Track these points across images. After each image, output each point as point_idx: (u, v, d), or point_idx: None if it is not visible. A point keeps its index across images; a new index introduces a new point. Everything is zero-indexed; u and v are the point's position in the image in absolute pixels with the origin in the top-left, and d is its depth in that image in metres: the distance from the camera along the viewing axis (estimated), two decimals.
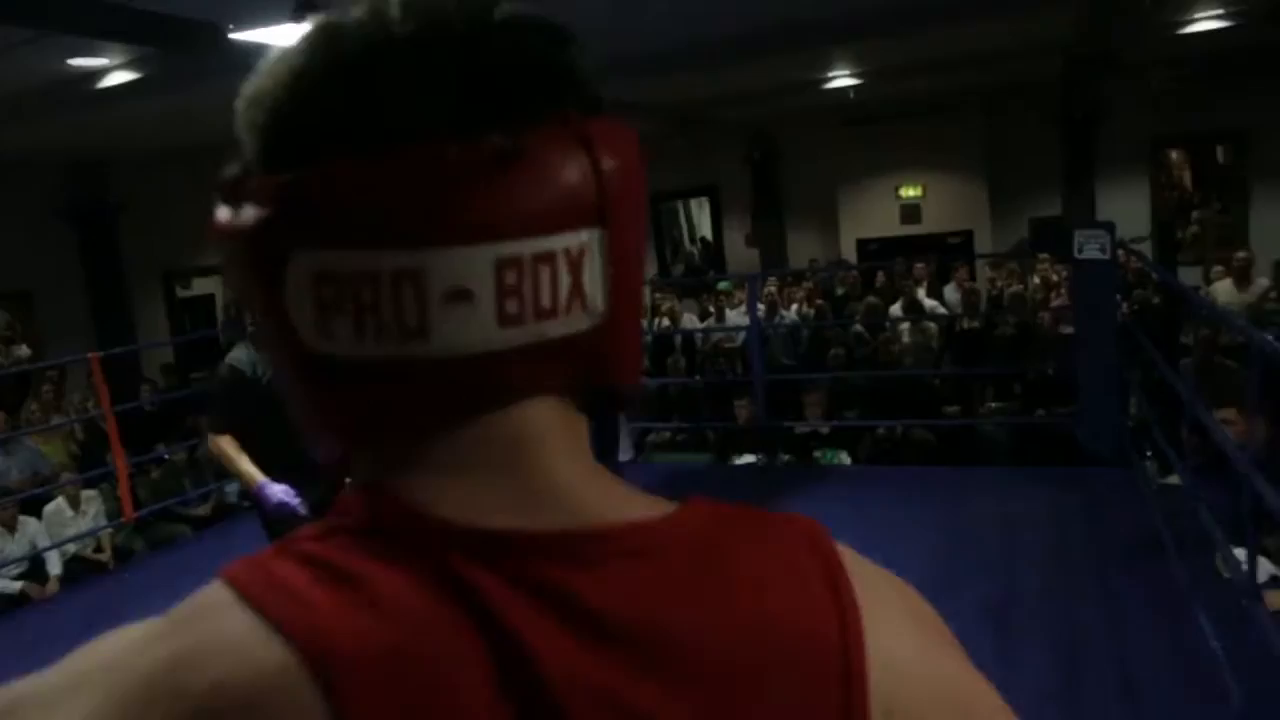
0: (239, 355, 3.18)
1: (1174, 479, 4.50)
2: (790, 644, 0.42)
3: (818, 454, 5.96)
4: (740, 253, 12.95)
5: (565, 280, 0.42)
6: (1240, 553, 3.40)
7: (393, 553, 0.40)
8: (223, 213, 0.46)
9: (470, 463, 0.43)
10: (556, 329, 0.43)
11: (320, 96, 0.42)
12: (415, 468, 0.43)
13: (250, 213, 0.44)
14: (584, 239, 0.43)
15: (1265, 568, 3.41)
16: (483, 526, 0.41)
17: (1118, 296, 4.75)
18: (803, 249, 12.33)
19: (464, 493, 0.42)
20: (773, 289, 8.82)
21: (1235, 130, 10.83)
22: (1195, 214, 11.34)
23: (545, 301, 0.42)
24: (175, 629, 0.40)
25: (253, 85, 0.47)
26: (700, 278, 12.34)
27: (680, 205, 14.57)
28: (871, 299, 8.21)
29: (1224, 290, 7.04)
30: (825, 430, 6.05)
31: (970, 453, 5.94)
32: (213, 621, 0.39)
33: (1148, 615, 3.28)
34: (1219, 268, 7.70)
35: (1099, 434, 4.53)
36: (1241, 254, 7.65)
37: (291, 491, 3.00)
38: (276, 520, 3.01)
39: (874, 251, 11.74)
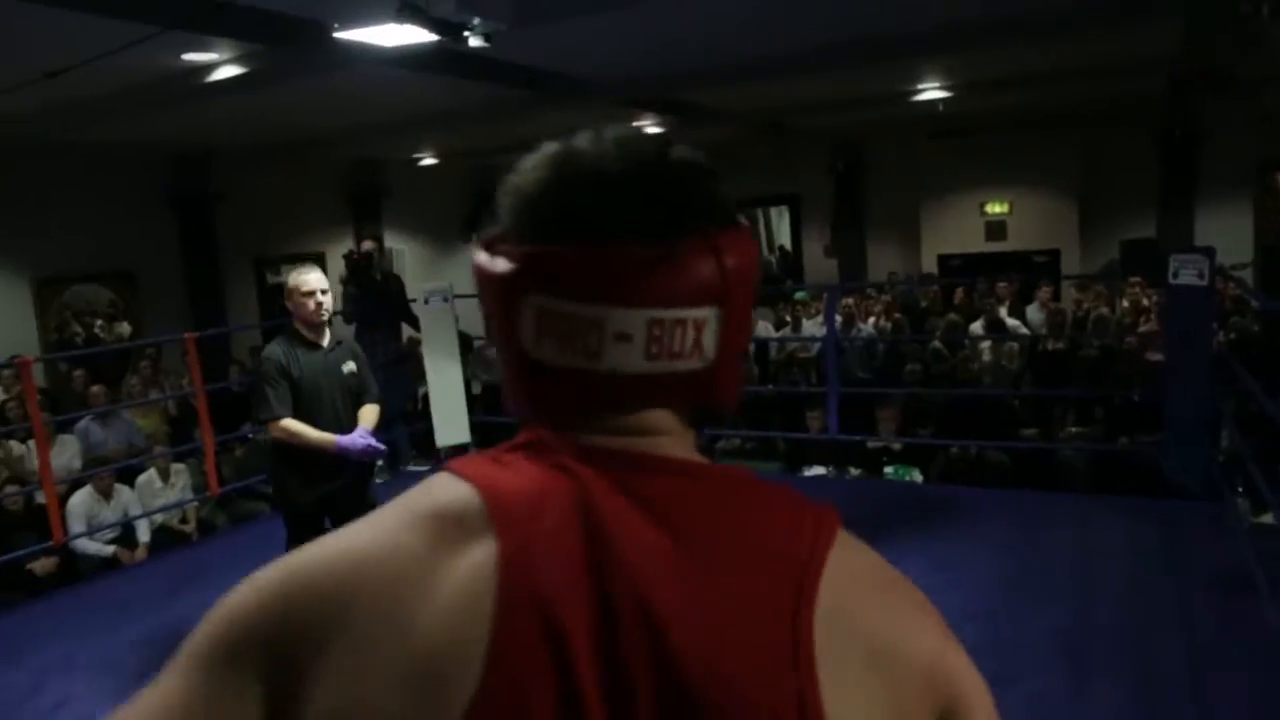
0: (275, 350, 3.45)
1: (1268, 518, 4.33)
2: (771, 550, 0.63)
3: (889, 470, 5.89)
4: (819, 263, 12.84)
5: (690, 337, 0.64)
6: None
7: (533, 455, 0.65)
8: (482, 258, 0.69)
9: (601, 427, 0.66)
10: (682, 366, 0.65)
11: (556, 201, 0.66)
12: (533, 437, 0.67)
13: (503, 264, 0.66)
14: (706, 313, 0.65)
15: None
16: (587, 443, 0.65)
17: (1214, 325, 4.58)
18: (882, 262, 12.16)
19: (594, 436, 0.65)
20: (850, 301, 8.74)
21: None
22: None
23: (676, 348, 0.64)
24: (419, 486, 0.67)
25: (512, 182, 0.70)
26: (777, 286, 12.28)
27: (760, 213, 14.50)
28: (952, 315, 8.06)
29: None
30: (897, 446, 5.97)
31: (1047, 477, 5.78)
32: (437, 480, 0.66)
33: (1232, 656, 3.16)
34: None
35: (1187, 466, 4.37)
36: None
37: (364, 432, 3.42)
38: (358, 461, 3.44)
39: (956, 268, 11.52)
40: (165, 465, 5.80)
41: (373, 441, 3.42)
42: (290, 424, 3.36)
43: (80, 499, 5.30)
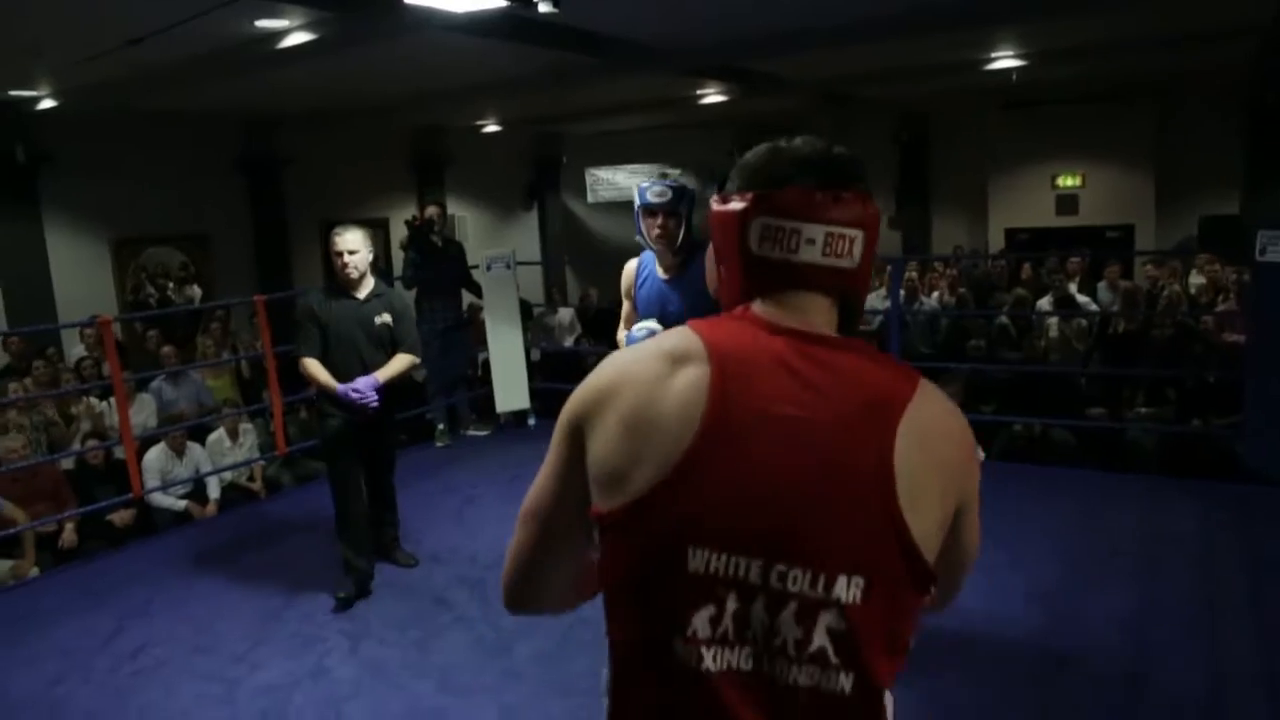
0: (310, 297, 3.89)
1: None
2: (871, 392, 0.99)
3: None
4: (883, 236, 12.36)
5: (847, 246, 1.05)
6: None
7: (736, 322, 1.05)
8: (718, 206, 1.09)
9: (787, 305, 1.05)
10: (843, 264, 1.05)
11: (774, 168, 1.06)
12: (765, 304, 1.06)
13: (738, 203, 1.06)
14: (857, 234, 1.05)
15: None
16: (776, 323, 1.03)
17: None
18: (948, 235, 11.92)
19: (779, 314, 1.05)
20: (914, 274, 8.59)
21: None
22: None
23: (840, 252, 1.05)
24: (667, 334, 1.07)
25: (743, 161, 1.09)
26: None
27: None
28: (1020, 291, 7.88)
29: None
30: None
31: (1114, 457, 5.65)
32: (678, 331, 1.05)
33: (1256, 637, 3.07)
34: None
35: (1268, 450, 4.23)
36: None
37: (371, 381, 3.73)
38: (348, 410, 3.76)
39: (1024, 242, 11.24)
40: (234, 425, 5.97)
41: (365, 392, 3.70)
42: (307, 364, 3.79)
43: (155, 455, 5.50)
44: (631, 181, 14.47)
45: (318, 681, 3.18)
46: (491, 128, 11.77)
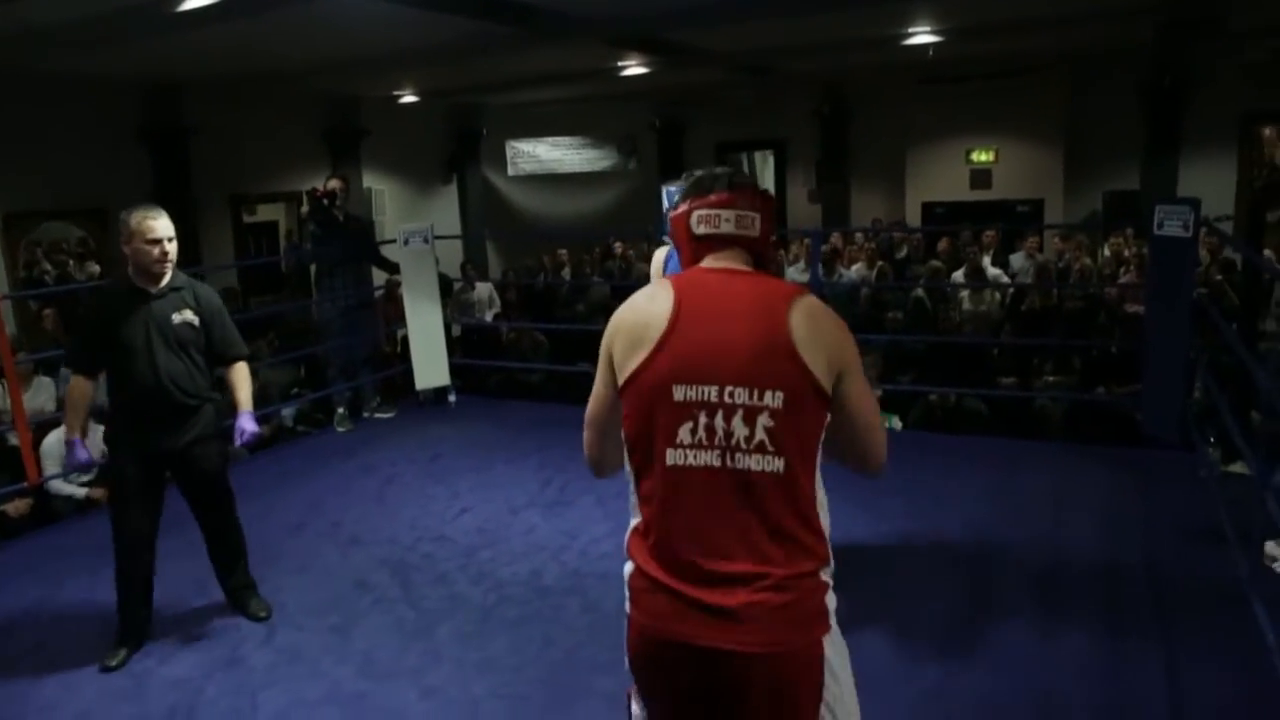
0: (95, 298, 3.38)
1: (1237, 467, 4.39)
2: (773, 294, 1.58)
3: None
4: (803, 209, 12.77)
5: (750, 221, 1.66)
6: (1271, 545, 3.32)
7: (693, 272, 1.66)
8: (674, 212, 1.71)
9: (719, 259, 1.65)
10: (749, 233, 1.66)
11: (702, 184, 1.69)
12: (706, 260, 1.66)
13: (684, 208, 1.68)
14: (756, 215, 1.67)
15: None
16: (711, 267, 1.65)
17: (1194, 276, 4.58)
18: (867, 209, 12.11)
19: (712, 263, 1.65)
20: (836, 243, 8.70)
21: None
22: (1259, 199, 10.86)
23: (745, 226, 1.66)
24: (655, 283, 1.66)
25: (693, 178, 1.72)
26: None
27: (744, 158, 14.36)
28: (935, 263, 8.06)
29: None
30: (878, 393, 5.99)
31: (1024, 425, 5.84)
32: (660, 282, 1.65)
33: (1199, 600, 3.23)
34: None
35: (1162, 416, 4.42)
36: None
37: (247, 418, 3.29)
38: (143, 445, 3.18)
39: (940, 215, 11.48)
40: None
41: (246, 429, 3.27)
42: (72, 382, 3.21)
43: (55, 440, 5.23)
44: (553, 154, 14.33)
45: (231, 671, 3.09)
46: (409, 98, 11.48)
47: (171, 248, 3.15)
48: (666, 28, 7.74)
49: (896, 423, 5.85)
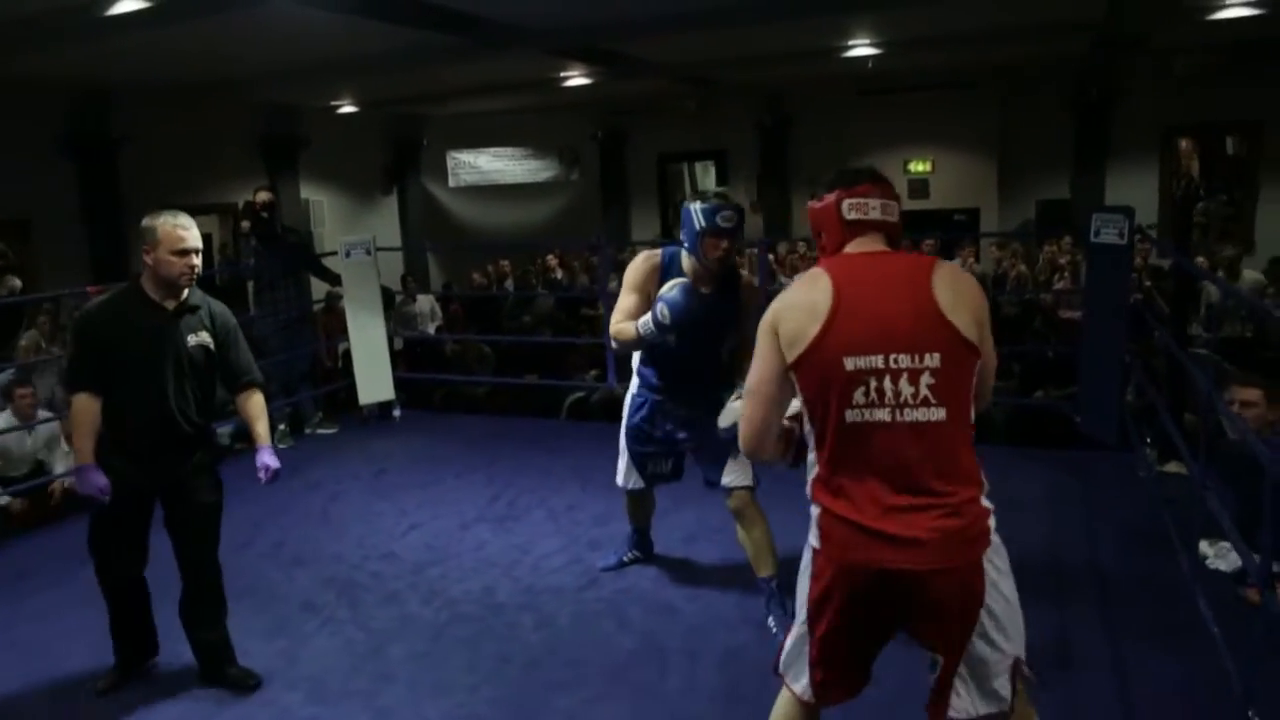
0: (98, 310, 2.92)
1: (1172, 466, 4.53)
2: (915, 266, 1.86)
3: None
4: (745, 219, 12.87)
5: (892, 209, 1.93)
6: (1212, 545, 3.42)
7: (841, 256, 1.89)
8: (816, 201, 1.94)
9: (864, 242, 1.90)
10: (889, 218, 1.92)
11: (847, 176, 1.94)
12: (852, 244, 1.90)
13: (831, 197, 1.91)
14: (894, 203, 1.95)
15: (1235, 557, 3.44)
16: (859, 251, 1.89)
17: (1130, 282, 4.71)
18: (807, 218, 12.26)
19: (859, 246, 1.89)
20: (781, 252, 8.78)
21: (1248, 121, 10.74)
22: (1200, 205, 11.30)
23: (888, 213, 1.92)
24: (809, 273, 1.90)
25: (828, 179, 1.96)
26: None
27: (685, 168, 14.45)
28: None
29: (1213, 285, 7.02)
30: None
31: None
32: (814, 270, 1.88)
33: (1143, 598, 3.30)
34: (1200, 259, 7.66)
35: (1101, 418, 4.53)
36: (1229, 250, 7.65)
37: (267, 453, 2.99)
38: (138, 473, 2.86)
39: None
40: (69, 426, 5.51)
41: (270, 465, 2.96)
42: (77, 407, 2.84)
43: None
44: (495, 165, 14.23)
45: (175, 703, 2.97)
46: (348, 108, 11.30)
47: (199, 261, 2.87)
48: (609, 38, 7.75)
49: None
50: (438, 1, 5.84)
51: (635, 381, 3.40)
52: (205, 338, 2.92)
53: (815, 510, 1.84)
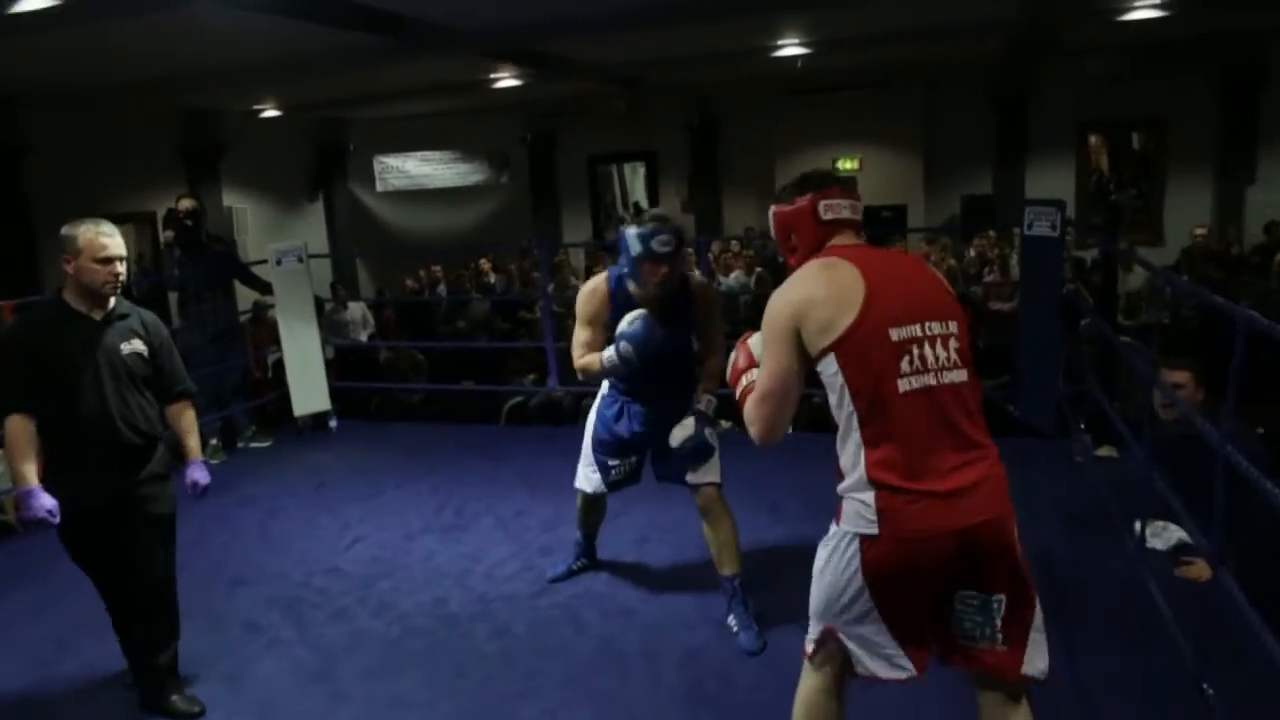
0: (25, 321, 2.96)
1: (1105, 451, 4.67)
2: (914, 258, 2.33)
3: None
4: (675, 219, 12.90)
5: (859, 208, 2.06)
6: (1156, 524, 3.54)
7: (841, 250, 1.97)
8: (785, 205, 2.05)
9: (845, 238, 2.01)
10: (858, 216, 2.05)
11: (815, 180, 2.05)
12: (835, 240, 2.00)
13: (804, 200, 2.01)
14: (860, 203, 2.08)
15: (1175, 534, 3.56)
16: (852, 244, 2.00)
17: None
18: (739, 218, 12.35)
19: (845, 241, 2.01)
20: (715, 250, 8.82)
21: (1155, 117, 11.19)
22: (1111, 197, 11.73)
23: (857, 211, 2.05)
24: (820, 261, 1.98)
25: (799, 176, 2.08)
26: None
27: (615, 170, 14.44)
28: None
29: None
30: None
31: None
32: (825, 258, 1.97)
33: (1090, 581, 3.38)
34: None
35: (1038, 405, 4.65)
36: (1124, 244, 7.96)
37: (198, 465, 2.98)
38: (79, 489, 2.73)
39: None
40: None
41: (199, 480, 2.93)
42: (10, 426, 2.68)
43: None
44: (423, 169, 14.02)
45: None
46: (271, 112, 11.00)
47: (124, 269, 2.76)
48: (538, 39, 7.69)
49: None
50: (364, 2, 5.71)
51: (605, 384, 3.35)
52: (139, 345, 2.82)
53: (868, 495, 1.83)
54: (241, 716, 2.88)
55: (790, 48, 8.65)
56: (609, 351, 3.01)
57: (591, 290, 3.14)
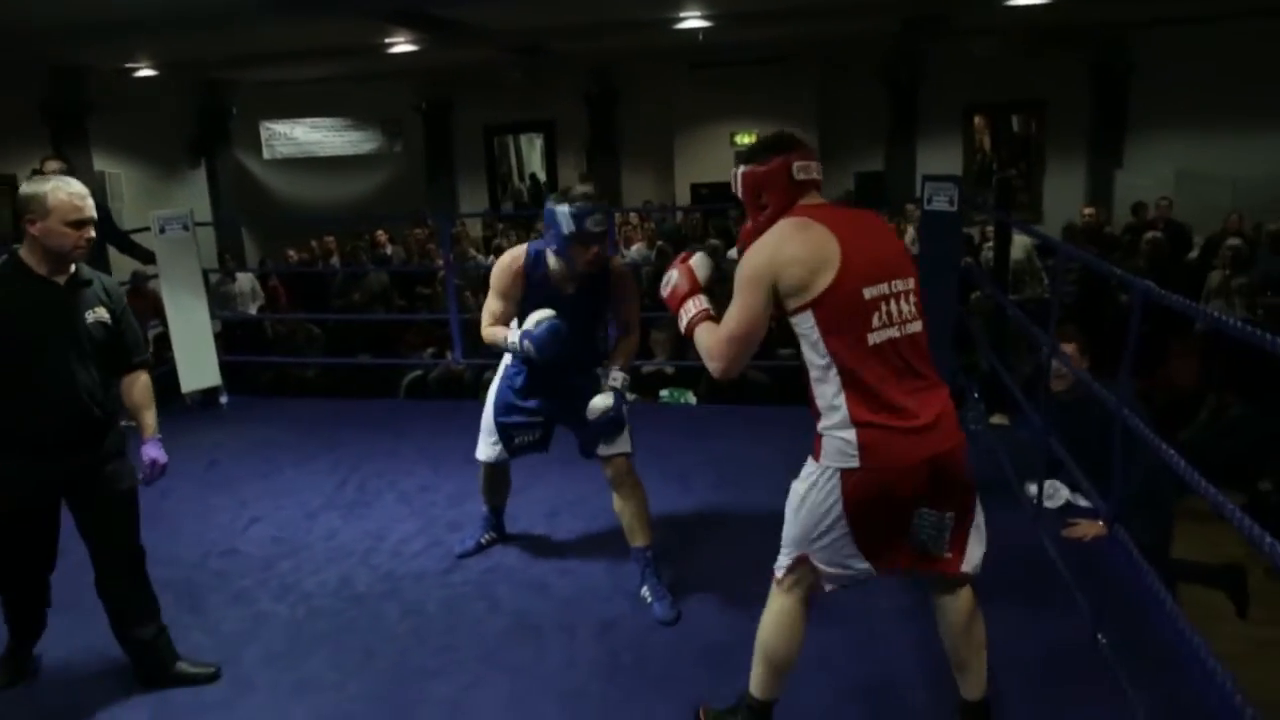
0: None
1: (997, 419, 4.88)
2: (877, 217, 2.30)
3: (664, 393, 6.03)
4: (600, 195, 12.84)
5: (816, 168, 2.17)
6: (1045, 485, 3.73)
7: (811, 210, 2.09)
8: (759, 164, 2.13)
9: (813, 198, 2.15)
10: (817, 176, 2.17)
11: (786, 142, 2.18)
12: (804, 201, 2.12)
13: (779, 160, 2.11)
14: (816, 163, 2.19)
15: (1063, 494, 3.76)
16: (819, 204, 2.13)
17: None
18: (638, 190, 12.35)
19: (813, 201, 2.13)
20: (616, 221, 8.79)
21: (1035, 101, 11.70)
22: (994, 178, 12.22)
23: (820, 174, 2.18)
24: (791, 221, 2.09)
25: (767, 142, 2.18)
26: (527, 213, 12.12)
27: (512, 140, 14.23)
28: (713, 241, 8.34)
29: (1017, 248, 7.60)
30: (671, 370, 6.12)
31: (804, 393, 6.16)
32: (794, 220, 2.09)
33: (991, 541, 3.51)
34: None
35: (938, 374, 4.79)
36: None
37: (153, 444, 2.85)
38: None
39: (705, 196, 11.93)
40: None
41: (157, 458, 2.79)
42: None
43: None
44: (313, 136, 13.50)
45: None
46: (146, 71, 10.36)
47: (94, 234, 2.58)
48: (434, 2, 7.46)
49: (691, 397, 6.01)
50: None
51: (509, 355, 3.30)
52: (103, 314, 2.62)
53: (850, 433, 2.02)
54: (136, 710, 2.74)
55: (691, 20, 8.66)
56: (513, 336, 3.01)
57: (509, 263, 3.10)
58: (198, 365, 5.75)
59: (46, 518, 2.70)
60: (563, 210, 2.88)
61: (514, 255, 3.12)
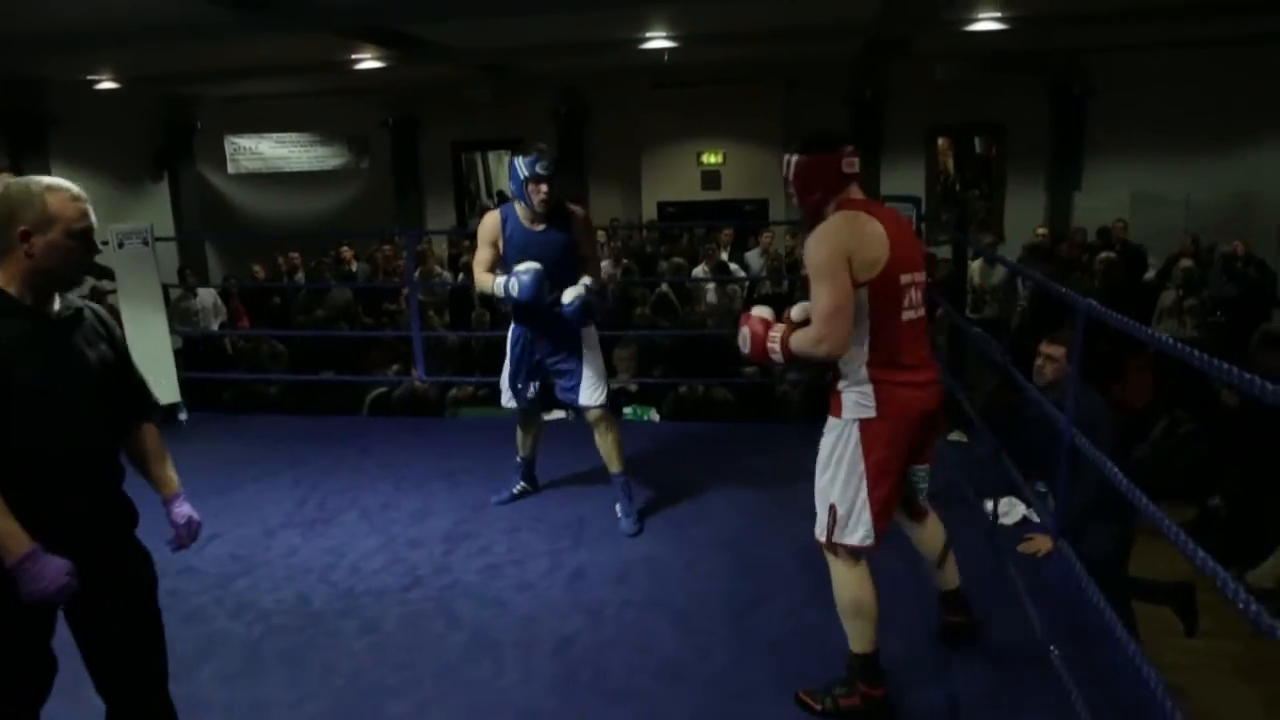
0: None
1: (955, 436, 4.94)
2: (901, 215, 2.72)
3: (627, 411, 6.04)
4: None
5: (857, 163, 2.50)
6: (1002, 501, 3.79)
7: (862, 204, 2.45)
8: (812, 155, 2.44)
9: (857, 192, 2.47)
10: (857, 169, 2.49)
11: (838, 137, 2.51)
12: (851, 192, 2.45)
13: (830, 154, 2.43)
14: (856, 160, 2.54)
15: (1019, 510, 3.83)
16: (866, 199, 2.49)
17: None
18: (605, 208, 12.39)
19: (858, 195, 2.47)
20: None
21: (996, 124, 11.93)
22: (959, 195, 12.46)
23: (858, 167, 2.53)
24: (843, 215, 2.44)
25: (819, 136, 2.48)
26: None
27: (479, 157, 14.24)
28: (678, 259, 8.40)
29: (976, 270, 7.77)
30: (634, 388, 6.14)
31: (767, 410, 6.23)
32: (846, 212, 2.42)
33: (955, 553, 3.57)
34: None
35: None
36: (989, 238, 8.47)
37: (182, 504, 2.27)
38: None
39: (673, 214, 12.01)
40: None
41: (195, 517, 2.26)
42: None
43: None
44: (278, 151, 13.42)
45: None
46: (108, 84, 10.26)
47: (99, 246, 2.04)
48: (402, 19, 7.48)
49: (654, 415, 6.03)
50: None
51: (513, 325, 3.97)
52: (106, 350, 2.04)
53: (869, 387, 2.41)
54: None
55: (657, 40, 8.75)
56: (501, 280, 3.66)
57: (490, 218, 3.84)
58: (157, 382, 5.65)
59: (46, 617, 2.00)
60: (520, 160, 3.63)
61: (492, 214, 3.87)
